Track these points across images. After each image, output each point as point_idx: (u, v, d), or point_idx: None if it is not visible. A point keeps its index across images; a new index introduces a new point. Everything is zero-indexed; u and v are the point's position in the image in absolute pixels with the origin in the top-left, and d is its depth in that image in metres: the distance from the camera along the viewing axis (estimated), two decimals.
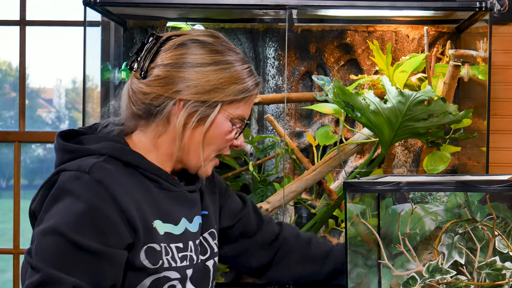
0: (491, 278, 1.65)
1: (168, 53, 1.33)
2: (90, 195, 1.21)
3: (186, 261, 1.34)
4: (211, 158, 1.38)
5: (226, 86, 1.32)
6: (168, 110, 1.31)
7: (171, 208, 1.35)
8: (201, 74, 1.30)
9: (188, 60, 1.31)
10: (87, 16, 2.26)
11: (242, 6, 2.28)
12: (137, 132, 1.37)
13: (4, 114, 3.57)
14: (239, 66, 1.34)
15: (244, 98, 1.35)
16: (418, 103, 2.02)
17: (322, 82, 2.33)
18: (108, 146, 1.30)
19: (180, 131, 1.31)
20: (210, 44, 1.34)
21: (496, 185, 1.58)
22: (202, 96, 1.30)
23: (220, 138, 1.35)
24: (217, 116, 1.32)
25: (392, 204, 2.00)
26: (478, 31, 2.31)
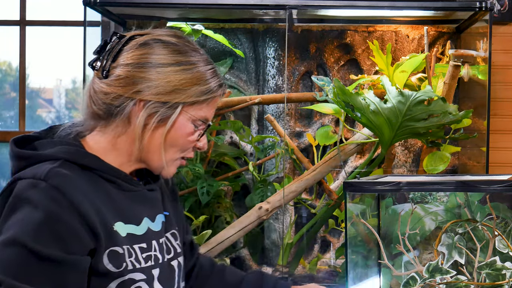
0: (491, 278, 1.65)
1: (130, 53, 1.31)
2: (48, 202, 1.19)
3: (151, 261, 1.32)
4: (174, 159, 1.35)
5: (187, 87, 1.30)
6: (128, 110, 1.29)
7: (132, 208, 1.33)
8: (162, 75, 1.29)
9: (150, 60, 1.29)
10: (87, 16, 2.26)
11: (242, 6, 2.28)
12: (95, 132, 1.34)
13: (4, 114, 3.57)
14: (202, 67, 1.32)
15: (206, 100, 1.32)
16: (418, 103, 2.02)
17: (322, 83, 2.33)
18: (63, 150, 1.28)
19: (140, 132, 1.29)
20: (173, 44, 1.32)
21: (496, 185, 1.58)
22: (163, 97, 1.28)
23: (181, 140, 1.33)
24: (178, 117, 1.30)
25: (392, 204, 2.00)
26: (478, 31, 2.31)
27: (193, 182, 2.42)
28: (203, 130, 1.35)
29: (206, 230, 2.36)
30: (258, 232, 2.51)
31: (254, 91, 2.56)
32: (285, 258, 2.39)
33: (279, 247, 2.46)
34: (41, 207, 1.19)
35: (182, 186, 2.49)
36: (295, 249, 2.44)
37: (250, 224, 2.29)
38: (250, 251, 2.53)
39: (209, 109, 1.35)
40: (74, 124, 1.36)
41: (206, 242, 2.30)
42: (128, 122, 1.30)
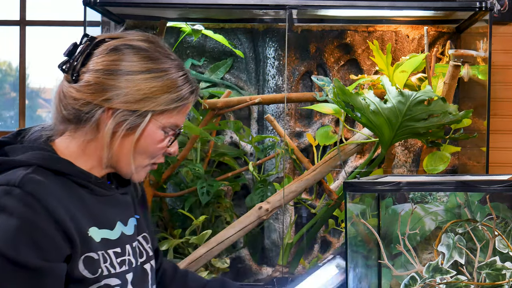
0: (491, 278, 1.65)
1: (100, 58, 1.28)
2: (23, 209, 1.17)
3: (125, 266, 1.31)
4: (144, 165, 1.34)
5: (157, 95, 1.27)
6: (97, 117, 1.27)
7: (105, 212, 1.32)
8: (131, 83, 1.26)
9: (119, 68, 1.27)
10: (87, 16, 2.26)
11: (242, 6, 2.28)
12: (65, 137, 1.32)
13: (4, 114, 3.56)
14: (173, 74, 1.29)
15: (177, 107, 1.29)
16: (418, 103, 2.02)
17: (322, 83, 2.33)
18: (36, 155, 1.26)
19: (108, 140, 1.27)
20: (144, 50, 1.29)
21: (496, 185, 1.58)
22: (132, 106, 1.26)
23: (151, 147, 1.31)
24: (148, 125, 1.28)
25: (392, 204, 2.00)
26: (478, 31, 2.31)
27: (193, 182, 2.42)
28: (174, 136, 1.33)
29: (206, 230, 2.36)
30: (258, 232, 2.51)
31: (254, 91, 2.56)
32: (285, 258, 2.39)
33: (279, 247, 2.46)
34: (16, 214, 1.17)
35: (182, 186, 2.49)
36: (295, 249, 2.44)
37: (250, 224, 2.29)
38: (250, 251, 2.53)
39: (180, 116, 1.32)
40: (43, 128, 1.34)
41: (206, 242, 2.30)
42: (97, 129, 1.28)
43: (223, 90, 2.47)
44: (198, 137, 2.39)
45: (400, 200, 1.99)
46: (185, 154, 2.41)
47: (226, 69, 2.54)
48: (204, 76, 2.53)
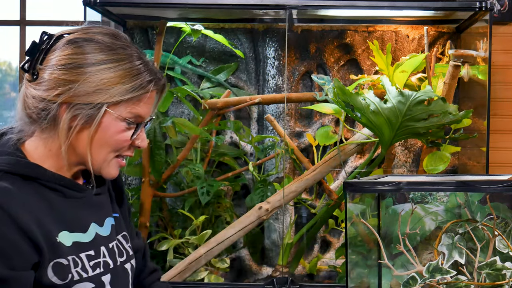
0: (491, 278, 1.65)
1: (53, 54, 1.26)
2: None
3: (100, 268, 1.29)
4: (109, 160, 1.30)
5: (110, 87, 1.24)
6: (53, 114, 1.24)
7: (77, 215, 1.30)
8: (83, 76, 1.23)
9: (71, 62, 1.24)
10: (87, 16, 2.25)
11: (242, 6, 2.28)
12: (34, 138, 1.30)
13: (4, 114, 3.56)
14: (127, 64, 1.26)
15: (133, 98, 1.25)
16: (418, 103, 2.02)
17: (322, 82, 2.33)
18: (3, 161, 1.23)
19: (64, 135, 1.25)
20: (98, 43, 1.27)
21: (496, 185, 1.58)
22: (84, 98, 1.23)
23: (111, 140, 1.27)
24: (104, 117, 1.24)
25: (392, 204, 2.00)
26: (478, 31, 2.31)
27: (193, 182, 2.41)
28: (137, 127, 1.29)
29: (206, 230, 2.36)
30: (258, 232, 2.51)
31: (254, 91, 2.56)
32: (285, 258, 2.39)
33: (279, 247, 2.46)
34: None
35: (182, 186, 2.49)
36: (295, 249, 2.44)
37: (250, 224, 2.29)
38: (250, 251, 2.53)
39: (142, 106, 1.28)
40: (13, 129, 1.31)
41: (206, 242, 2.30)
42: (55, 125, 1.26)
43: (221, 92, 2.47)
44: (198, 137, 2.39)
45: (400, 200, 1.98)
46: (185, 154, 2.41)
47: (229, 73, 2.54)
48: (207, 74, 2.53)
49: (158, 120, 2.36)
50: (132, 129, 1.29)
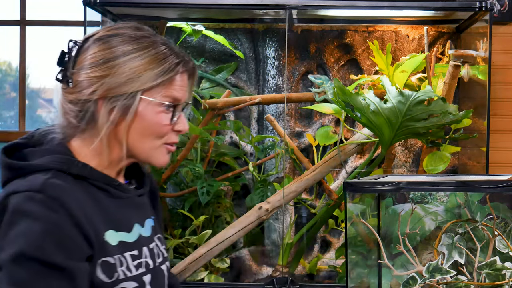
0: (491, 278, 1.65)
1: (83, 56, 1.30)
2: (47, 213, 1.19)
3: (142, 268, 1.32)
4: (156, 147, 1.33)
5: (140, 74, 1.27)
6: (91, 112, 1.29)
7: (122, 215, 1.33)
8: (112, 69, 1.27)
9: (98, 59, 1.28)
10: (87, 16, 2.26)
11: (242, 6, 2.28)
12: (76, 139, 1.34)
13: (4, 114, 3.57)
14: (153, 50, 1.30)
15: (165, 81, 1.29)
16: (418, 103, 2.02)
17: (320, 81, 2.33)
18: (54, 159, 1.27)
19: (104, 130, 1.28)
20: (119, 36, 1.31)
21: (496, 185, 1.58)
22: (118, 90, 1.27)
23: (152, 126, 1.30)
24: (140, 105, 1.28)
25: (392, 204, 2.00)
26: (478, 31, 2.31)
27: (193, 182, 2.42)
28: (174, 112, 1.32)
29: (206, 230, 2.36)
30: (258, 232, 2.51)
31: (254, 91, 2.56)
32: (285, 258, 2.39)
33: (279, 247, 2.46)
34: (41, 219, 1.19)
35: (182, 186, 2.49)
36: (295, 249, 2.44)
37: (250, 224, 2.29)
38: (250, 251, 2.53)
39: (175, 88, 1.31)
40: (53, 130, 1.34)
41: (206, 242, 2.30)
42: (95, 123, 1.30)
43: (221, 92, 2.47)
44: (198, 137, 2.39)
45: (400, 200, 1.99)
46: (185, 154, 2.41)
47: (229, 73, 2.54)
48: (207, 75, 2.53)
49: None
50: (170, 113, 1.32)
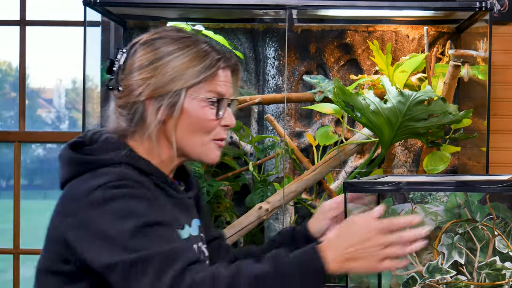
0: (491, 278, 1.65)
1: (129, 61, 1.36)
2: (135, 191, 1.25)
3: None
4: (206, 143, 1.37)
5: (183, 72, 1.32)
6: (140, 113, 1.34)
7: (176, 214, 1.38)
8: (155, 70, 1.33)
9: (144, 61, 1.34)
10: (87, 16, 2.26)
11: (242, 6, 2.28)
12: (129, 140, 1.38)
13: (4, 114, 3.56)
14: (194, 48, 1.34)
15: (207, 77, 1.34)
16: (418, 103, 2.02)
17: (316, 81, 2.33)
18: (122, 155, 1.33)
19: (153, 129, 1.33)
20: (163, 38, 1.36)
21: (496, 185, 1.58)
22: (163, 89, 1.32)
23: (199, 122, 1.35)
24: (185, 102, 1.33)
25: (392, 204, 2.00)
26: (478, 31, 2.31)
27: None
28: (220, 106, 1.36)
29: None
30: (258, 232, 2.50)
31: (254, 91, 2.56)
32: None
33: None
34: (131, 195, 1.24)
35: None
36: None
37: (250, 224, 2.29)
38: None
39: (218, 84, 1.36)
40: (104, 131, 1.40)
41: None
42: (144, 124, 1.35)
43: None
44: None
45: (400, 200, 1.98)
46: None
47: None
48: None
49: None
50: (215, 108, 1.36)
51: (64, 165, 1.34)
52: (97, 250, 1.21)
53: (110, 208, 1.22)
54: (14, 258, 2.82)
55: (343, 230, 1.26)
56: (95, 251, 1.22)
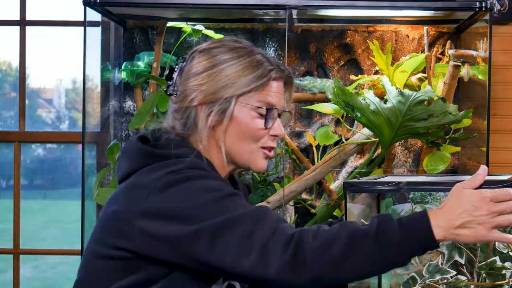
0: (491, 278, 1.65)
1: (186, 69, 1.41)
2: (213, 175, 1.32)
3: None
4: (255, 151, 1.41)
5: (235, 80, 1.36)
6: (193, 117, 1.39)
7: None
8: (210, 77, 1.37)
9: (199, 68, 1.38)
10: (87, 16, 2.26)
11: (242, 6, 2.28)
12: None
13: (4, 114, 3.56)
14: (248, 58, 1.39)
15: (258, 86, 1.37)
16: (418, 103, 2.02)
17: (306, 82, 2.34)
18: (190, 152, 1.37)
19: (204, 133, 1.38)
20: (219, 47, 1.41)
21: (496, 185, 1.58)
22: (215, 96, 1.36)
23: (248, 130, 1.39)
24: (235, 109, 1.37)
25: (392, 204, 2.00)
26: (478, 31, 2.31)
27: None
28: (268, 116, 1.39)
29: None
30: None
31: None
32: None
33: None
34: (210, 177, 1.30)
35: None
36: None
37: None
38: None
39: (268, 94, 1.39)
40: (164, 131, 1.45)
41: None
42: (196, 129, 1.39)
43: None
44: None
45: (400, 200, 1.98)
46: None
47: None
48: None
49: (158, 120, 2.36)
50: (263, 119, 1.39)
51: (134, 157, 1.38)
52: (174, 230, 1.24)
53: (183, 189, 1.26)
54: (14, 258, 2.82)
55: (453, 198, 1.25)
56: (172, 232, 1.24)
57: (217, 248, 1.21)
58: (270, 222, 1.22)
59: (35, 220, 11.07)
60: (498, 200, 1.22)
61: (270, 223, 1.22)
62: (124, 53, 2.56)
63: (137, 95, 2.51)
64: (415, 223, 1.22)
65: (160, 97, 2.29)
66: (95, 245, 1.35)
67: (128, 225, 1.28)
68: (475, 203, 1.22)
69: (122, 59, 2.55)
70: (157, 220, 1.25)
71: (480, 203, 1.22)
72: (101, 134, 2.58)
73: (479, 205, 1.22)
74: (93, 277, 1.33)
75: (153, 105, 2.29)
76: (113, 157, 2.36)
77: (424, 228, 1.21)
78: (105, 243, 1.32)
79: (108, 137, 2.55)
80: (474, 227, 1.22)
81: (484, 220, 1.21)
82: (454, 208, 1.23)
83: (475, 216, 1.21)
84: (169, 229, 1.24)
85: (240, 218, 1.21)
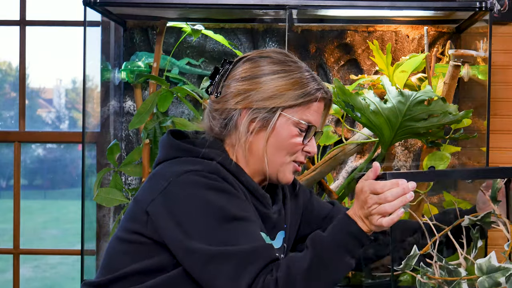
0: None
1: (234, 71, 1.44)
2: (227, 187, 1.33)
3: None
4: (286, 163, 1.44)
5: (284, 92, 1.40)
6: (234, 120, 1.42)
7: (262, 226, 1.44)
8: (259, 84, 1.41)
9: (249, 74, 1.42)
10: (87, 16, 2.26)
11: (242, 6, 2.28)
12: (225, 145, 1.46)
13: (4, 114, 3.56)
14: (298, 74, 1.43)
15: (303, 103, 1.41)
16: (418, 103, 2.02)
17: None
18: (217, 154, 1.40)
19: (243, 137, 1.41)
20: (273, 57, 1.45)
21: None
22: (261, 103, 1.39)
23: (286, 142, 1.42)
24: (279, 120, 1.40)
25: None
26: (478, 31, 2.31)
27: None
28: (307, 133, 1.43)
29: None
30: None
31: None
32: None
33: None
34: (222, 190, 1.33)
35: None
36: None
37: None
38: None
39: (310, 112, 1.43)
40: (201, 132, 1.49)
41: None
42: (236, 131, 1.42)
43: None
44: None
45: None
46: None
47: None
48: (205, 73, 2.53)
49: (158, 120, 2.36)
50: (303, 135, 1.43)
51: (163, 148, 1.43)
52: (175, 230, 1.30)
53: (195, 194, 1.30)
54: (14, 258, 2.82)
55: (356, 196, 1.34)
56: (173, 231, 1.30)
57: (207, 272, 1.27)
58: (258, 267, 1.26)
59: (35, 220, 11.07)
60: (376, 192, 1.28)
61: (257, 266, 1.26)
62: (124, 53, 2.56)
63: (137, 95, 2.51)
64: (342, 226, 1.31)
65: (160, 97, 2.29)
66: (118, 230, 1.41)
67: (143, 211, 1.34)
68: (361, 197, 1.31)
69: (122, 59, 2.55)
70: (165, 219, 1.31)
71: (363, 196, 1.30)
72: (101, 134, 2.58)
73: (363, 198, 1.30)
74: (112, 260, 1.39)
75: (153, 105, 2.29)
76: (113, 157, 2.36)
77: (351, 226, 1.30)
78: (125, 227, 1.38)
79: (108, 137, 2.55)
80: (372, 217, 1.29)
81: (372, 211, 1.28)
82: (356, 204, 1.32)
83: (367, 208, 1.29)
84: (172, 233, 1.30)
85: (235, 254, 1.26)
